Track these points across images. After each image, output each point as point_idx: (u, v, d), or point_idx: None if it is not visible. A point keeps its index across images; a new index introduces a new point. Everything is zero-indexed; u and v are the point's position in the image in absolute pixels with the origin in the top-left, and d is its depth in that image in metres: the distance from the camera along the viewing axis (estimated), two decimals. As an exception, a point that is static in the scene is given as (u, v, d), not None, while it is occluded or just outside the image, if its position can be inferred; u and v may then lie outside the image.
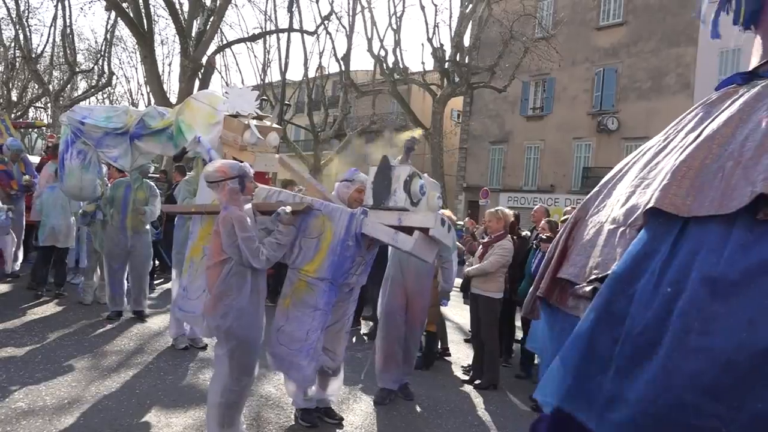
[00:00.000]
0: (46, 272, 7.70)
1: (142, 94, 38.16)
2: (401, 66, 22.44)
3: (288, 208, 3.70)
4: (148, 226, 7.11)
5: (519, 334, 7.27)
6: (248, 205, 3.75)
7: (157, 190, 7.16)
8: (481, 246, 6.27)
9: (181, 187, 5.97)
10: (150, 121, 5.62)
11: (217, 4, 16.60)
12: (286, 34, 25.67)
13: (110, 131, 5.84)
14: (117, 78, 35.00)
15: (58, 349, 5.48)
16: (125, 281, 6.99)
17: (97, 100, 39.06)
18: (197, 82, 17.11)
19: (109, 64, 27.06)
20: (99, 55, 28.02)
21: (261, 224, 3.82)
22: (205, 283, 3.83)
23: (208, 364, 5.52)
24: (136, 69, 37.17)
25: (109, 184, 7.02)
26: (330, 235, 3.72)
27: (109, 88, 32.73)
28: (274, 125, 5.07)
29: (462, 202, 27.85)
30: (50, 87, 28.22)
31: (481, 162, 28.14)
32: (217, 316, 3.58)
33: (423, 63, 24.65)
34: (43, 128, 27.21)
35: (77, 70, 28.11)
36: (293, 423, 4.38)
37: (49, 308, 7.00)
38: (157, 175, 11.44)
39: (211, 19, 16.62)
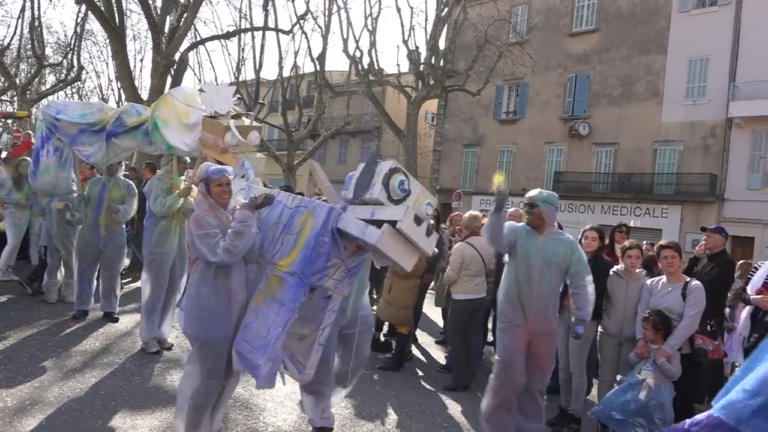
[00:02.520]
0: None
1: (112, 90, 37.59)
2: (376, 67, 22.44)
3: (240, 198, 3.68)
4: (123, 226, 6.93)
5: (491, 337, 7.32)
6: (233, 205, 3.70)
7: (135, 189, 6.92)
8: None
9: (153, 184, 5.81)
10: (127, 118, 5.49)
11: (191, 1, 16.39)
12: (261, 32, 25.49)
13: (85, 128, 5.69)
14: (87, 73, 34.33)
15: (20, 348, 5.34)
16: (94, 280, 6.82)
17: (66, 94, 38.24)
18: (170, 79, 16.87)
19: (78, 59, 26.51)
20: (68, 49, 27.39)
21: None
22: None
23: (176, 364, 5.44)
24: (107, 64, 36.63)
25: (75, 181, 6.81)
26: (308, 230, 3.55)
27: (79, 82, 32.04)
28: (255, 123, 4.95)
29: (435, 204, 27.93)
30: (17, 80, 27.53)
31: (454, 165, 28.31)
32: (185, 318, 3.55)
33: (398, 65, 24.61)
34: (9, 121, 26.56)
35: (45, 63, 27.47)
36: (261, 424, 4.34)
37: (12, 306, 6.82)
38: (126, 173, 11.22)
39: (184, 16, 16.38)
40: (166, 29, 17.10)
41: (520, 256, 4.47)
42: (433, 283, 8.21)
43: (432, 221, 3.51)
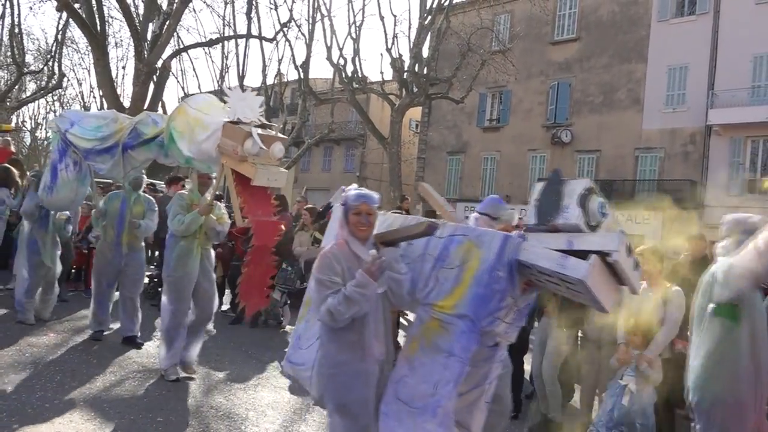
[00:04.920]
0: None
1: (94, 97, 37.27)
2: (360, 75, 22.49)
3: (382, 258, 2.85)
4: (143, 244, 6.57)
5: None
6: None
7: (156, 205, 6.56)
8: None
9: (174, 201, 5.36)
10: (143, 128, 5.13)
11: (174, 8, 16.34)
12: (244, 40, 25.46)
13: (97, 146, 5.35)
14: (68, 80, 34.03)
15: (-2, 359, 5.25)
16: (112, 301, 6.46)
17: (47, 102, 37.89)
18: (152, 86, 16.79)
19: (59, 66, 26.27)
20: (49, 56, 27.16)
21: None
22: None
23: (155, 374, 5.38)
24: (89, 71, 36.32)
25: (93, 194, 6.50)
26: (476, 263, 2.91)
27: (60, 90, 31.76)
28: (279, 135, 4.61)
29: (420, 211, 27.99)
30: (-4, 88, 27.24)
31: (438, 172, 28.39)
32: (316, 380, 3.12)
33: (382, 73, 24.81)
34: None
35: (26, 70, 27.20)
36: (244, 434, 4.31)
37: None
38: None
39: (167, 23, 16.34)
40: (149, 36, 17.03)
41: (755, 308, 3.49)
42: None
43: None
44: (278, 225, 4.86)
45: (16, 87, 28.88)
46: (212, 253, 5.60)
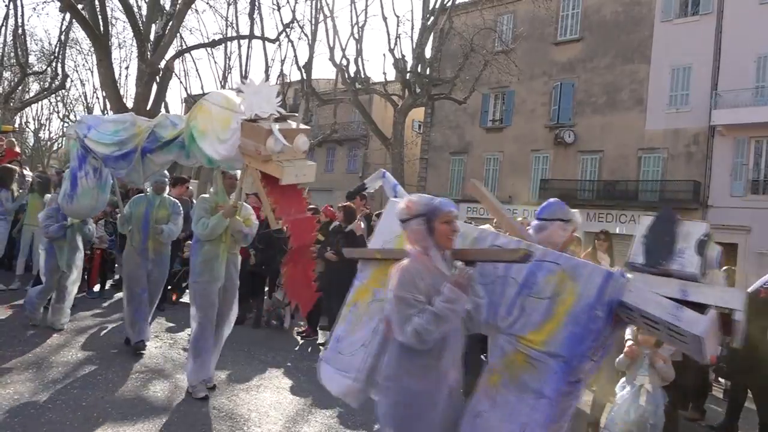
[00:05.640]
0: None
1: (97, 98, 37.28)
2: (363, 76, 22.48)
3: (470, 271, 2.64)
4: (169, 248, 6.39)
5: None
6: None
7: (181, 208, 6.38)
8: None
9: (197, 204, 5.16)
10: (162, 131, 4.92)
11: (177, 9, 16.35)
12: (247, 40, 25.47)
13: (115, 152, 5.13)
14: (71, 81, 34.12)
15: None
16: (149, 307, 6.15)
17: (50, 102, 37.99)
18: (155, 87, 16.79)
19: (63, 67, 26.33)
20: (52, 57, 27.23)
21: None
22: (366, 337, 3.12)
23: (159, 375, 5.38)
24: (92, 72, 36.37)
25: (118, 199, 6.26)
26: (571, 299, 2.70)
27: (63, 91, 31.85)
28: (302, 126, 4.31)
29: (422, 212, 28.04)
30: (0, 89, 27.30)
31: (441, 172, 28.37)
32: (381, 403, 2.82)
33: (384, 73, 24.79)
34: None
35: (29, 71, 27.27)
36: (246, 435, 4.30)
37: (-8, 318, 6.71)
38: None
39: (170, 24, 16.35)
40: (152, 37, 17.04)
41: None
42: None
43: None
44: (313, 220, 4.67)
45: (20, 88, 28.98)
46: (239, 258, 5.35)
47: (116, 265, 9.30)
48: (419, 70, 21.16)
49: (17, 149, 11.23)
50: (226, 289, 5.12)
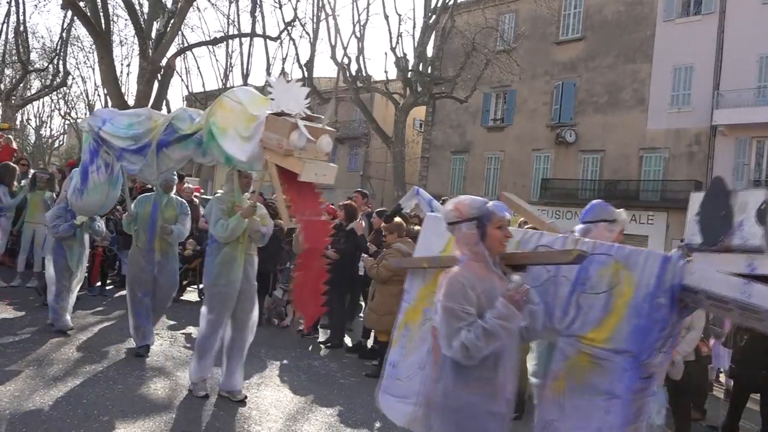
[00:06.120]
0: None
1: (99, 95, 37.24)
2: (364, 74, 22.48)
3: (517, 279, 2.48)
4: (176, 250, 6.22)
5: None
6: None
7: (188, 208, 6.20)
8: None
9: (212, 205, 4.96)
10: (180, 124, 4.70)
11: (178, 6, 16.35)
12: (248, 38, 25.47)
13: (130, 146, 4.96)
14: (73, 78, 34.13)
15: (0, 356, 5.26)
16: (152, 311, 5.93)
17: (52, 99, 37.98)
18: (156, 85, 16.81)
19: (64, 64, 26.37)
20: (54, 54, 27.23)
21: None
22: (422, 359, 2.97)
23: (159, 372, 5.38)
24: (93, 69, 36.39)
25: (127, 198, 6.10)
26: (630, 289, 2.56)
27: (65, 88, 31.85)
28: (327, 127, 4.23)
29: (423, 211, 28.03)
30: (1, 85, 27.31)
31: (442, 171, 28.36)
32: (437, 418, 2.64)
33: (386, 72, 24.80)
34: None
35: (31, 68, 27.29)
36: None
37: (-7, 314, 6.71)
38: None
39: (171, 21, 16.35)
40: (153, 35, 17.05)
41: None
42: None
43: None
44: (328, 225, 4.52)
45: (21, 85, 28.99)
46: (255, 259, 5.16)
47: (117, 263, 9.30)
48: (421, 68, 21.16)
49: (14, 145, 11.21)
50: (244, 291, 4.93)
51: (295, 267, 4.35)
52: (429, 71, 21.35)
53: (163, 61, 16.56)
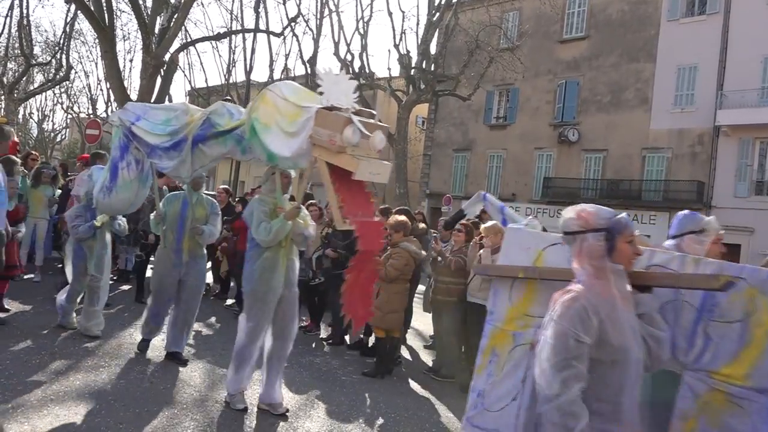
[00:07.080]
0: None
1: (101, 90, 37.34)
2: (367, 71, 22.47)
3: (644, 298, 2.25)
4: (205, 251, 5.90)
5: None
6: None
7: (218, 207, 5.95)
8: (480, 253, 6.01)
9: (254, 207, 4.64)
10: (217, 119, 4.48)
11: (182, 1, 16.33)
12: (252, 34, 25.45)
13: (165, 145, 4.73)
14: (75, 72, 34.14)
15: (3, 351, 5.26)
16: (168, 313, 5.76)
17: (54, 94, 37.99)
18: (159, 80, 16.81)
19: (67, 58, 26.42)
20: (57, 48, 27.27)
21: (640, 308, 2.33)
22: (515, 388, 2.72)
23: (164, 368, 5.38)
24: (96, 64, 36.39)
25: (157, 196, 5.83)
26: None
27: (67, 82, 31.89)
28: (380, 122, 3.97)
29: (425, 208, 28.00)
30: (4, 79, 27.33)
31: (444, 169, 28.36)
32: None
33: (389, 69, 24.74)
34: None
35: (33, 62, 27.29)
36: (247, 428, 4.30)
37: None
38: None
39: (175, 16, 16.34)
40: (157, 30, 17.04)
41: None
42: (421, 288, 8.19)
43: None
44: (381, 226, 4.30)
45: (24, 79, 29.00)
46: (297, 263, 4.86)
47: (116, 256, 9.22)
48: (424, 66, 21.14)
49: (15, 139, 11.20)
50: (284, 297, 4.66)
51: (347, 269, 4.14)
52: (432, 69, 21.33)
53: (166, 56, 16.55)
